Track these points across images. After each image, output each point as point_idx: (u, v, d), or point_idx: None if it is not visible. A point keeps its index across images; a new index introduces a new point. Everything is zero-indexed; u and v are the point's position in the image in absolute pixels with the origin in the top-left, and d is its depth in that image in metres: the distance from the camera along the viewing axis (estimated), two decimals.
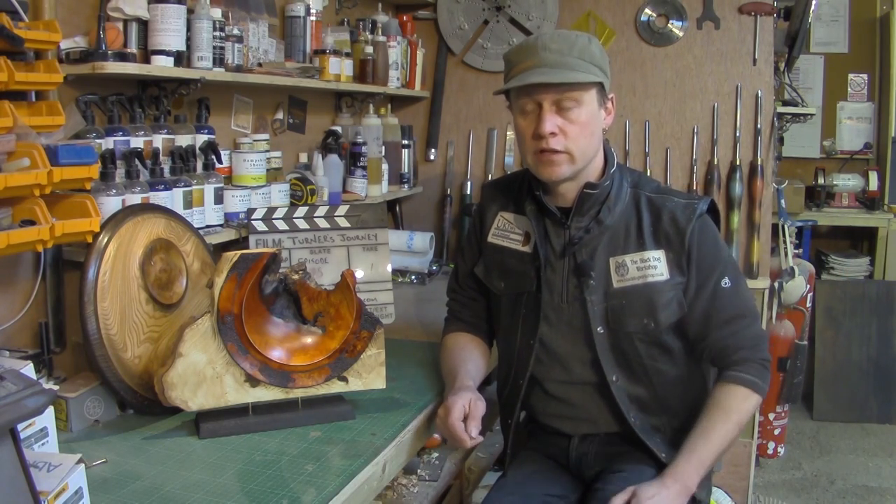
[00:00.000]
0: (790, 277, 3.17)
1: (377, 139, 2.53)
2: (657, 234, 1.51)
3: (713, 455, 1.45)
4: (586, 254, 1.52)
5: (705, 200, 1.53)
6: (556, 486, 1.58)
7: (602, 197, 1.52)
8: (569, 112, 1.43)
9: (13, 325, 1.45)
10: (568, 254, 1.53)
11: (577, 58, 1.43)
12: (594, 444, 1.61)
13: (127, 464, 1.28)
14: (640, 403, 1.54)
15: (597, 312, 1.52)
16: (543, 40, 1.44)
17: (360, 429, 1.43)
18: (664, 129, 2.74)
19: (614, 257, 1.51)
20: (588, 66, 1.43)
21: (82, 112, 1.56)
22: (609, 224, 1.52)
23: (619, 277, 1.51)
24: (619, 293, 1.51)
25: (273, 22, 2.19)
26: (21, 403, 0.88)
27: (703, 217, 1.52)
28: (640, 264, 1.50)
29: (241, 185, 1.94)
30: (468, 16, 2.88)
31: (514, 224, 1.63)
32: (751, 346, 1.51)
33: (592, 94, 1.45)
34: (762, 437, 3.25)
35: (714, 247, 1.52)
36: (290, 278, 1.46)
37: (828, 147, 4.31)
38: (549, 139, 1.43)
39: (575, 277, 1.53)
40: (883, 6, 4.21)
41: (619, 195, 1.53)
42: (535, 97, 1.44)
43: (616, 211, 1.52)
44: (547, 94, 1.43)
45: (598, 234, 1.52)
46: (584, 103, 1.44)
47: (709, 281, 1.50)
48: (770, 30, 2.64)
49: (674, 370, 1.55)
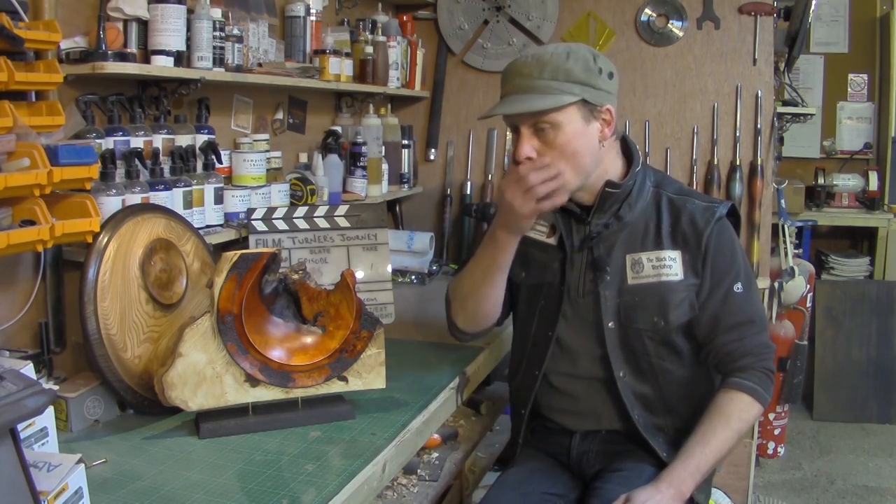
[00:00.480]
0: (790, 277, 3.18)
1: (377, 139, 2.53)
2: (675, 235, 1.52)
3: (711, 461, 1.44)
4: (604, 249, 1.54)
5: (725, 204, 1.54)
6: (556, 485, 1.59)
7: (624, 195, 1.53)
8: (545, 135, 1.43)
9: (13, 325, 1.45)
10: (585, 248, 1.55)
11: (548, 79, 1.41)
12: (596, 441, 1.61)
13: (127, 464, 1.28)
14: (645, 402, 1.55)
15: (609, 308, 1.53)
16: (517, 65, 1.45)
17: (360, 429, 1.43)
18: (664, 129, 2.74)
19: (631, 254, 1.53)
20: (562, 85, 1.40)
21: (82, 112, 1.56)
22: (628, 221, 1.53)
23: (634, 274, 1.53)
24: (633, 290, 1.52)
25: (273, 22, 2.19)
26: (21, 403, 0.88)
27: (722, 221, 1.53)
28: (656, 263, 1.51)
29: (241, 185, 1.94)
30: (468, 16, 2.88)
31: (541, 215, 1.62)
32: (756, 354, 1.51)
33: (572, 113, 1.42)
34: (762, 437, 3.26)
35: (730, 251, 1.53)
36: (290, 278, 1.46)
37: (828, 147, 4.31)
38: (526, 164, 1.43)
39: (591, 272, 1.55)
40: (883, 6, 4.21)
41: (640, 194, 1.54)
42: (513, 122, 1.46)
43: (636, 209, 1.54)
44: (522, 119, 1.44)
45: (616, 231, 1.54)
46: (561, 125, 1.42)
47: (721, 285, 1.51)
48: (770, 30, 2.64)
49: (681, 371, 1.56)
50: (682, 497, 1.41)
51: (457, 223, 2.95)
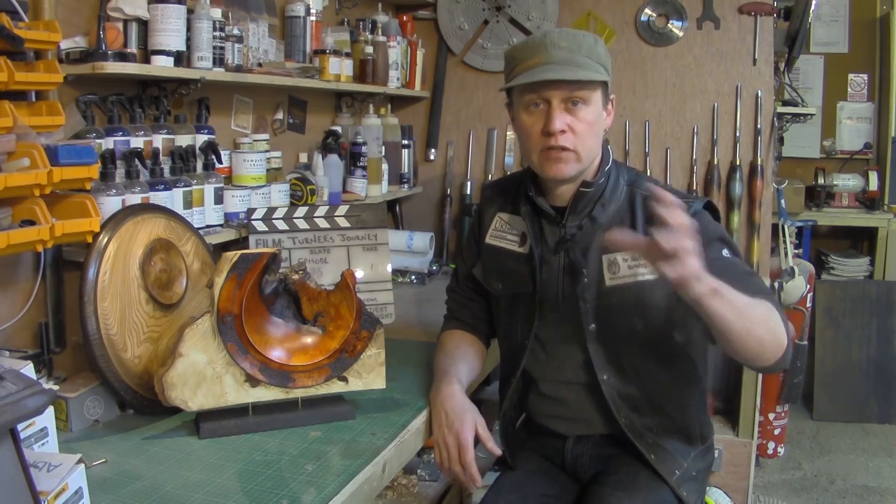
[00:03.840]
0: (790, 277, 3.17)
1: (377, 139, 2.53)
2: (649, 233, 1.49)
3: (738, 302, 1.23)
4: (579, 251, 1.51)
5: (701, 200, 1.51)
6: (554, 487, 1.58)
7: (597, 195, 1.51)
8: (577, 110, 1.42)
9: (13, 325, 1.45)
10: (561, 250, 1.53)
11: (585, 56, 1.42)
12: (589, 445, 1.60)
13: (127, 464, 1.28)
14: (632, 403, 1.53)
15: (589, 310, 1.51)
16: (552, 38, 1.43)
17: (360, 429, 1.43)
18: (664, 129, 2.74)
19: (606, 255, 1.50)
20: (596, 65, 1.43)
21: (82, 112, 1.56)
22: (602, 222, 1.51)
23: (611, 275, 1.50)
24: (611, 291, 1.49)
25: (273, 22, 2.19)
26: (21, 403, 0.88)
27: (699, 214, 1.46)
28: (632, 262, 1.48)
29: (241, 185, 1.94)
30: (468, 16, 2.88)
31: (511, 225, 1.62)
32: (768, 296, 1.36)
33: (598, 95, 1.45)
34: (762, 437, 3.25)
35: (711, 232, 1.43)
36: (290, 278, 1.46)
37: (828, 147, 4.31)
38: (558, 136, 1.42)
39: (568, 275, 1.52)
40: (883, 6, 4.21)
41: (613, 193, 1.52)
42: (543, 94, 1.43)
43: (610, 209, 1.51)
44: (557, 91, 1.41)
45: (591, 232, 1.51)
46: (591, 102, 1.43)
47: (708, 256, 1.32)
48: (770, 30, 2.64)
49: (664, 371, 1.54)
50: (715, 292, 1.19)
51: (457, 223, 2.96)
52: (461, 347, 1.65)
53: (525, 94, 1.45)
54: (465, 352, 1.64)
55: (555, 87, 1.41)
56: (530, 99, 1.44)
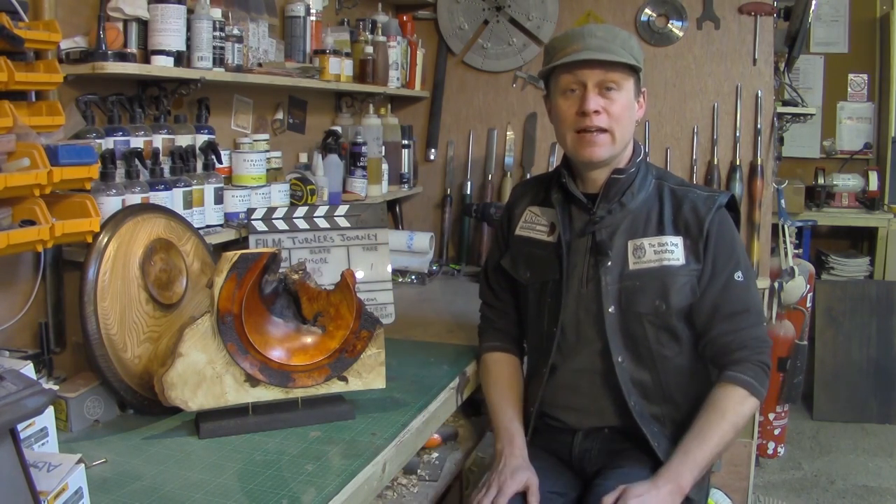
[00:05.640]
0: (790, 277, 3.17)
1: (377, 139, 2.53)
2: (677, 222, 1.56)
3: (708, 457, 1.46)
4: (606, 233, 1.57)
5: (726, 194, 1.60)
6: (558, 484, 1.59)
7: (627, 183, 1.58)
8: (611, 93, 1.51)
9: (13, 325, 1.45)
10: (588, 233, 1.58)
11: (620, 47, 1.51)
12: (598, 440, 1.62)
13: (127, 464, 1.28)
14: (643, 389, 1.56)
15: (610, 293, 1.55)
16: (590, 28, 1.54)
17: (360, 429, 1.43)
18: (664, 129, 2.74)
19: (633, 240, 1.56)
20: (629, 55, 1.51)
21: (82, 112, 1.56)
22: (632, 208, 1.57)
23: (635, 260, 1.55)
24: (634, 274, 1.55)
25: (273, 22, 2.19)
26: (21, 403, 0.88)
27: (723, 210, 1.58)
28: (658, 248, 1.54)
29: (241, 185, 1.94)
30: (468, 16, 2.88)
31: (541, 216, 1.68)
32: (752, 348, 1.52)
33: (631, 83, 1.53)
34: (762, 437, 3.25)
35: (731, 240, 1.57)
36: (289, 278, 1.46)
37: (828, 147, 4.31)
38: (592, 117, 1.50)
39: (592, 257, 1.57)
40: (883, 6, 4.21)
41: (643, 183, 1.59)
42: (579, 76, 1.50)
43: (639, 197, 1.58)
44: (592, 73, 1.49)
45: (620, 217, 1.57)
46: (624, 88, 1.52)
47: (723, 272, 1.54)
48: (770, 30, 2.64)
49: (679, 359, 1.57)
50: (682, 491, 1.41)
51: (457, 223, 2.95)
52: (513, 380, 1.71)
53: (562, 78, 1.53)
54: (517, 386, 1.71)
55: (590, 70, 1.49)
56: (567, 82, 1.53)
